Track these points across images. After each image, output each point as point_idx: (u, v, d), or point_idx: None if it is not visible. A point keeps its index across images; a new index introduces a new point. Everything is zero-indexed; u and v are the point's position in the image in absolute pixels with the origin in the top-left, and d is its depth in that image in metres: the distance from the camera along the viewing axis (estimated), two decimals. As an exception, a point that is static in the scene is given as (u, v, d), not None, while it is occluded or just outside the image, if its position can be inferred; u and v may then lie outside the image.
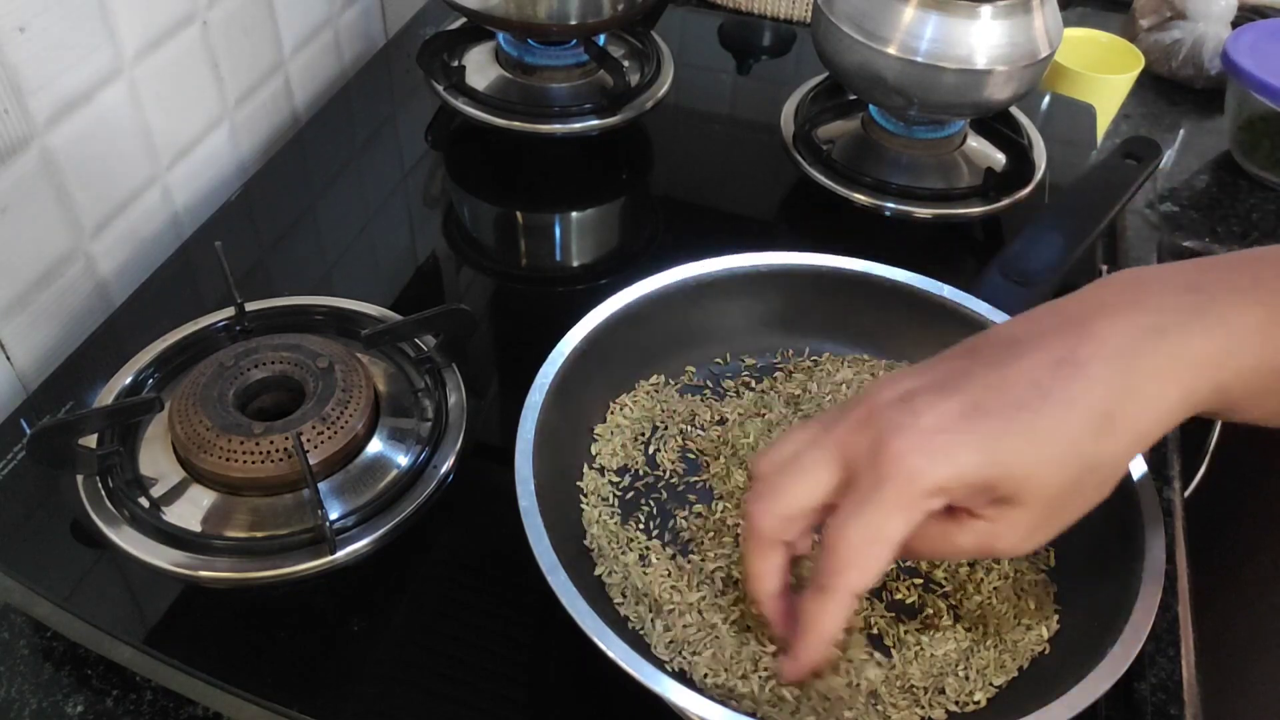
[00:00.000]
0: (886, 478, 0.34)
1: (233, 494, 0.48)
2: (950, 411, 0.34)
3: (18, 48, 0.52)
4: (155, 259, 0.64)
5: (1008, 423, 0.34)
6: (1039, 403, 0.34)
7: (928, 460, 0.34)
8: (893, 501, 0.34)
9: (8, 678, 0.46)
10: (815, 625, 0.36)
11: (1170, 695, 0.47)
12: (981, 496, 0.35)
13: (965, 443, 0.34)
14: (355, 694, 0.43)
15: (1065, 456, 0.34)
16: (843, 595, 0.35)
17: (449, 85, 0.74)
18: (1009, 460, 0.34)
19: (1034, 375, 0.35)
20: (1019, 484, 0.34)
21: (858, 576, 0.35)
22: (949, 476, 0.34)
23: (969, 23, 0.63)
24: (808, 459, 0.37)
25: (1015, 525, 0.35)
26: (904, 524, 0.34)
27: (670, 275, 0.53)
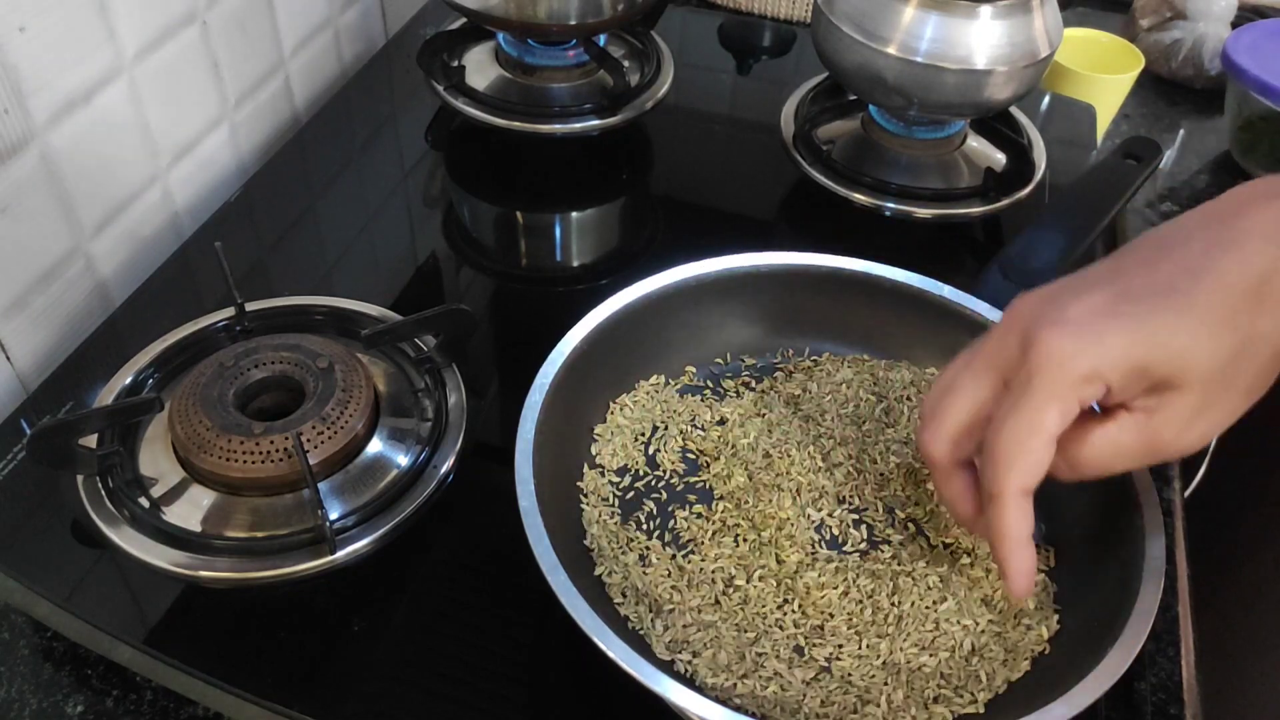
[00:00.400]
0: (1036, 370, 0.34)
1: (233, 494, 0.48)
2: (1098, 302, 0.34)
3: (18, 48, 0.52)
4: (155, 259, 0.64)
5: (1158, 303, 0.33)
6: (1190, 283, 0.33)
7: (1075, 345, 0.33)
8: (1044, 392, 0.34)
9: (8, 678, 0.46)
10: (999, 535, 0.36)
11: (1170, 695, 0.47)
12: (1137, 383, 0.34)
13: (1114, 326, 0.33)
14: (355, 694, 0.43)
15: (1220, 329, 0.33)
16: (1010, 494, 0.35)
17: (449, 85, 0.74)
18: (1161, 337, 0.33)
19: (1185, 262, 0.34)
20: (1174, 361, 0.33)
21: (1019, 474, 0.35)
22: (1099, 359, 0.33)
23: (969, 23, 0.63)
24: (962, 377, 0.37)
25: (1177, 411, 0.34)
26: (1059, 414, 0.34)
27: (670, 275, 0.53)
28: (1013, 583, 0.38)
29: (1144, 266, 0.35)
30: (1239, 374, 0.34)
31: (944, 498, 0.40)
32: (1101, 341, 0.33)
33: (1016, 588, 0.38)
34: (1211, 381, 0.33)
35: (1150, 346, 0.33)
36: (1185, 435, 0.35)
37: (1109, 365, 0.33)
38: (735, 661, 0.43)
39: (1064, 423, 0.34)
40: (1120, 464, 0.36)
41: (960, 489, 0.39)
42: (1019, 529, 0.36)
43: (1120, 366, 0.33)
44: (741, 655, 0.43)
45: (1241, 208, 0.35)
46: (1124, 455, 0.36)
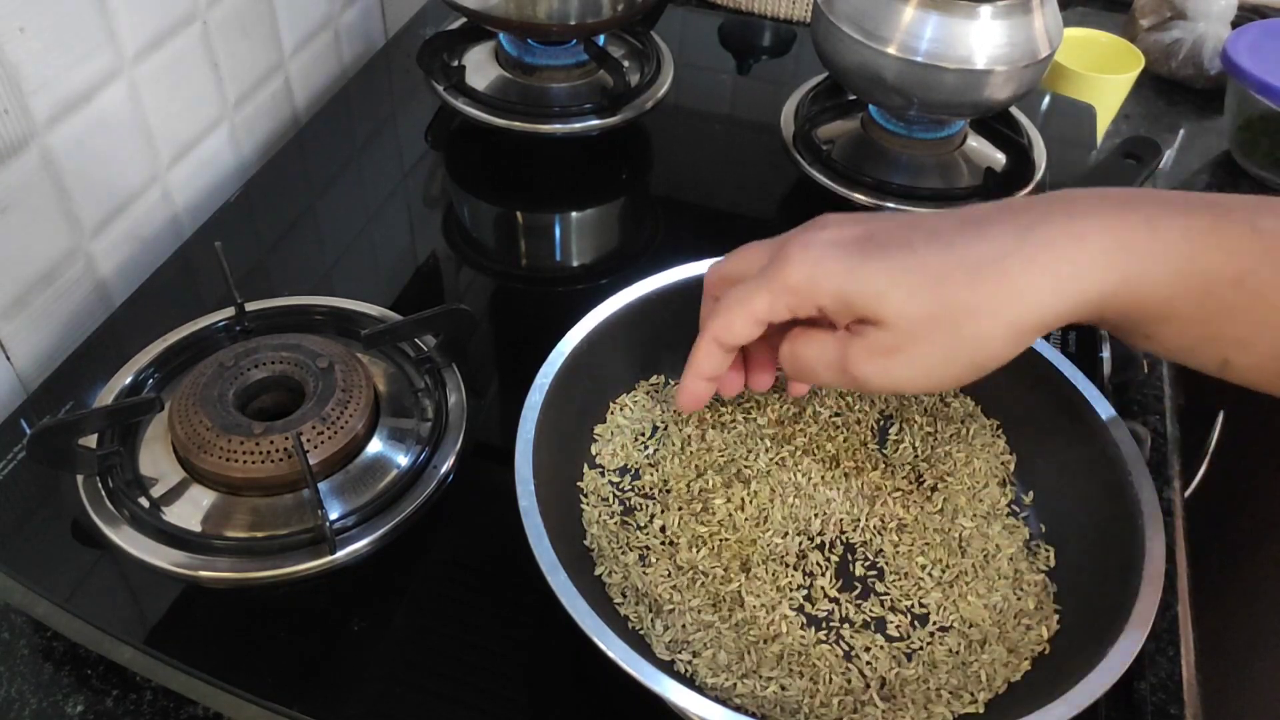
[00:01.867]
0: (772, 265, 0.39)
1: (233, 494, 0.48)
2: (845, 235, 0.38)
3: (18, 48, 0.52)
4: (155, 259, 0.64)
5: (885, 252, 0.37)
6: (922, 244, 0.37)
7: (800, 258, 0.38)
8: (764, 283, 0.39)
9: (8, 678, 0.46)
10: (690, 359, 0.43)
11: (1170, 695, 0.47)
12: (845, 313, 0.38)
13: (835, 256, 0.37)
14: (355, 694, 0.43)
15: (922, 285, 0.36)
16: (707, 336, 0.42)
17: (449, 85, 0.74)
18: (865, 279, 0.37)
19: (935, 227, 0.37)
20: (869, 301, 0.36)
21: (717, 326, 0.41)
22: (809, 278, 0.38)
23: (969, 23, 0.63)
24: (753, 246, 0.43)
25: (870, 341, 0.37)
26: (765, 302, 0.39)
27: (670, 275, 0.53)
28: (680, 398, 0.44)
29: (910, 223, 0.38)
30: (937, 335, 0.36)
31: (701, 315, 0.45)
32: (818, 265, 0.38)
33: (680, 403, 0.45)
34: (905, 328, 0.36)
35: (856, 282, 0.37)
36: (870, 364, 0.38)
37: (816, 288, 0.38)
38: (735, 661, 0.43)
39: (768, 310, 0.39)
40: (822, 369, 0.40)
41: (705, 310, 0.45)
42: (701, 364, 0.43)
43: (826, 291, 0.37)
44: (741, 655, 0.43)
45: (1032, 203, 0.37)
46: (824, 362, 0.39)
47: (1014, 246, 0.35)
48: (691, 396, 0.44)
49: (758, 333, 0.40)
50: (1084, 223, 0.35)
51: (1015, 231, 0.35)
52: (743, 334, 0.40)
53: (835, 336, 0.39)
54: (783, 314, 0.39)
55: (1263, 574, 0.94)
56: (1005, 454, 0.51)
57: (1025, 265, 0.35)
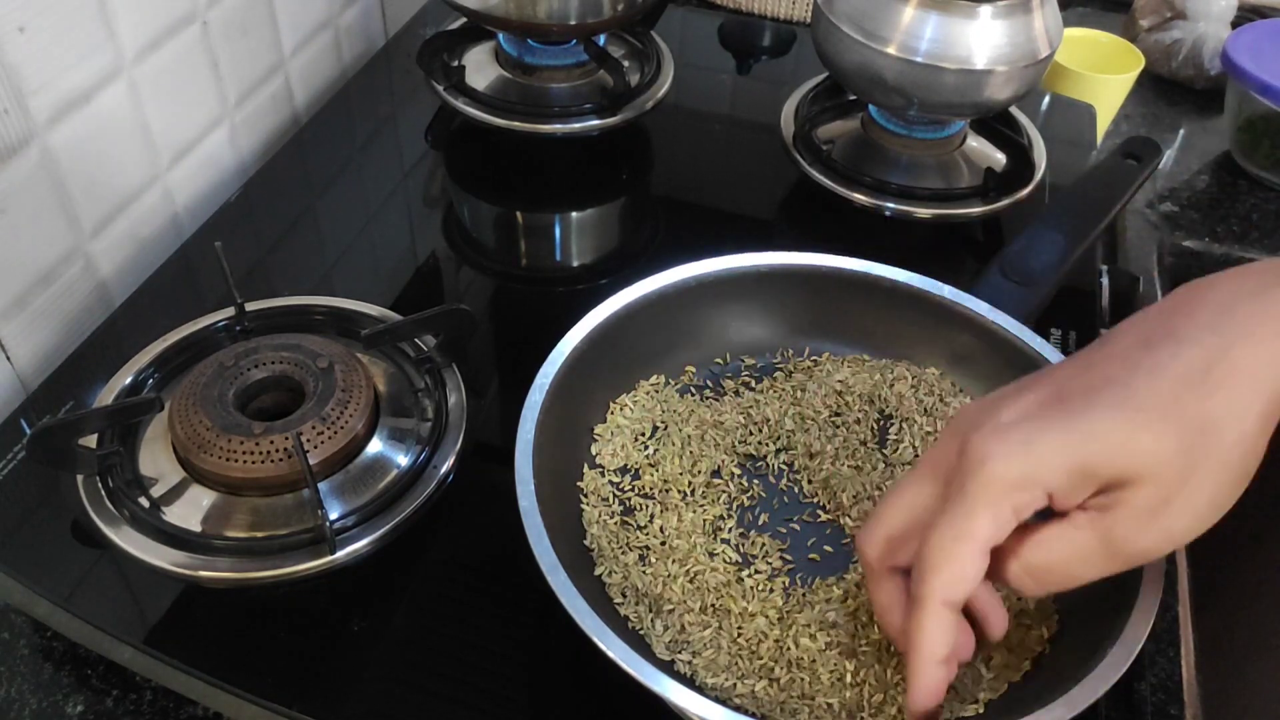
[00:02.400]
0: (968, 476, 0.33)
1: (233, 494, 0.48)
2: (1030, 403, 0.33)
3: (18, 48, 0.52)
4: (155, 259, 0.64)
5: (1092, 399, 0.32)
6: (1126, 375, 0.32)
7: (1005, 449, 0.32)
8: (974, 499, 0.32)
9: (8, 678, 0.46)
10: (913, 644, 0.34)
11: (1170, 695, 0.47)
12: (1083, 485, 0.32)
13: (1046, 426, 0.32)
14: (355, 694, 0.43)
15: (1165, 419, 0.31)
16: (932, 603, 0.33)
17: (449, 85, 0.74)
18: (1098, 434, 0.31)
19: (1122, 355, 0.33)
20: (1116, 457, 0.31)
21: (944, 580, 0.33)
22: (1032, 464, 0.32)
23: (969, 23, 0.63)
24: (905, 480, 0.36)
25: (1132, 507, 0.32)
26: (990, 520, 0.32)
27: (670, 275, 0.53)
28: (912, 697, 0.35)
29: (1081, 366, 0.34)
30: (1197, 465, 0.32)
31: (875, 605, 0.38)
32: (1032, 444, 0.32)
33: (915, 703, 0.35)
34: (1166, 474, 0.31)
35: (1088, 444, 0.32)
36: (1145, 532, 0.32)
37: (1043, 469, 0.32)
38: (735, 662, 0.43)
39: (997, 531, 0.33)
40: (1080, 567, 0.34)
41: (891, 597, 0.37)
42: (934, 643, 0.34)
43: (1057, 469, 0.32)
44: (741, 655, 0.43)
45: (1179, 304, 0.34)
46: (1080, 555, 0.33)
47: (1220, 340, 0.32)
48: (931, 693, 0.35)
49: (985, 567, 0.33)
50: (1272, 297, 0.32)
51: (1210, 327, 0.32)
52: (976, 576, 0.33)
53: (1078, 525, 0.33)
54: (1009, 526, 0.33)
55: (1263, 574, 0.94)
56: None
57: (1249, 350, 0.31)
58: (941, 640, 0.34)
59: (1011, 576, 0.34)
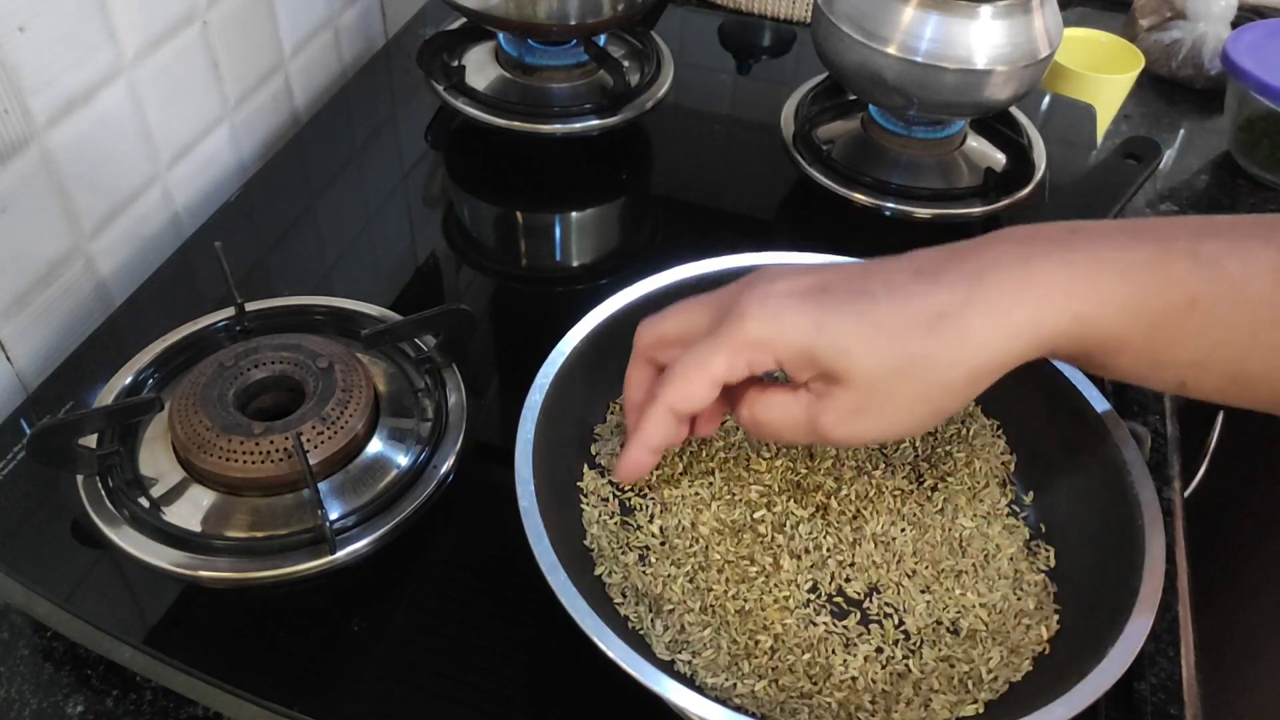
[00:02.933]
0: (724, 321, 0.38)
1: (233, 494, 0.48)
2: (801, 286, 0.38)
3: (18, 48, 0.52)
4: (155, 259, 0.64)
5: (841, 304, 0.37)
6: (881, 294, 0.37)
7: (758, 313, 0.38)
8: (721, 341, 0.38)
9: (8, 678, 0.46)
10: (636, 428, 0.42)
11: (1170, 695, 0.47)
12: (806, 367, 0.37)
13: (798, 309, 0.37)
14: (355, 694, 0.43)
15: (887, 341, 0.36)
16: (661, 404, 0.40)
17: (449, 85, 0.74)
18: (830, 333, 0.36)
19: (889, 277, 0.38)
20: (836, 358, 0.36)
21: (674, 391, 0.40)
22: (771, 332, 0.37)
23: (969, 23, 0.63)
24: (693, 301, 0.42)
25: (838, 402, 0.37)
26: (724, 362, 0.38)
27: (670, 275, 0.53)
28: (620, 468, 0.43)
29: (859, 271, 0.38)
30: (902, 389, 0.37)
31: (627, 379, 0.44)
32: (778, 318, 0.37)
33: (621, 473, 0.43)
34: (871, 386, 0.37)
35: (819, 336, 0.37)
36: (841, 426, 0.38)
37: (780, 341, 0.37)
38: (735, 661, 0.43)
39: (727, 371, 0.38)
40: (788, 432, 0.40)
41: (639, 378, 0.43)
42: (652, 434, 0.41)
43: (788, 346, 0.37)
44: (741, 655, 0.43)
45: (971, 247, 0.37)
46: (790, 424, 0.39)
47: (967, 295, 0.36)
48: (636, 467, 0.42)
49: (714, 396, 0.39)
50: (1032, 267, 0.35)
51: (967, 280, 0.36)
52: (702, 399, 0.39)
53: (798, 398, 0.39)
54: (741, 372, 0.39)
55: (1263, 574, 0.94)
56: (1005, 454, 0.51)
57: (982, 315, 0.35)
58: (658, 433, 0.41)
59: (739, 416, 0.41)
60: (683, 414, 0.41)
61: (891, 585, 0.46)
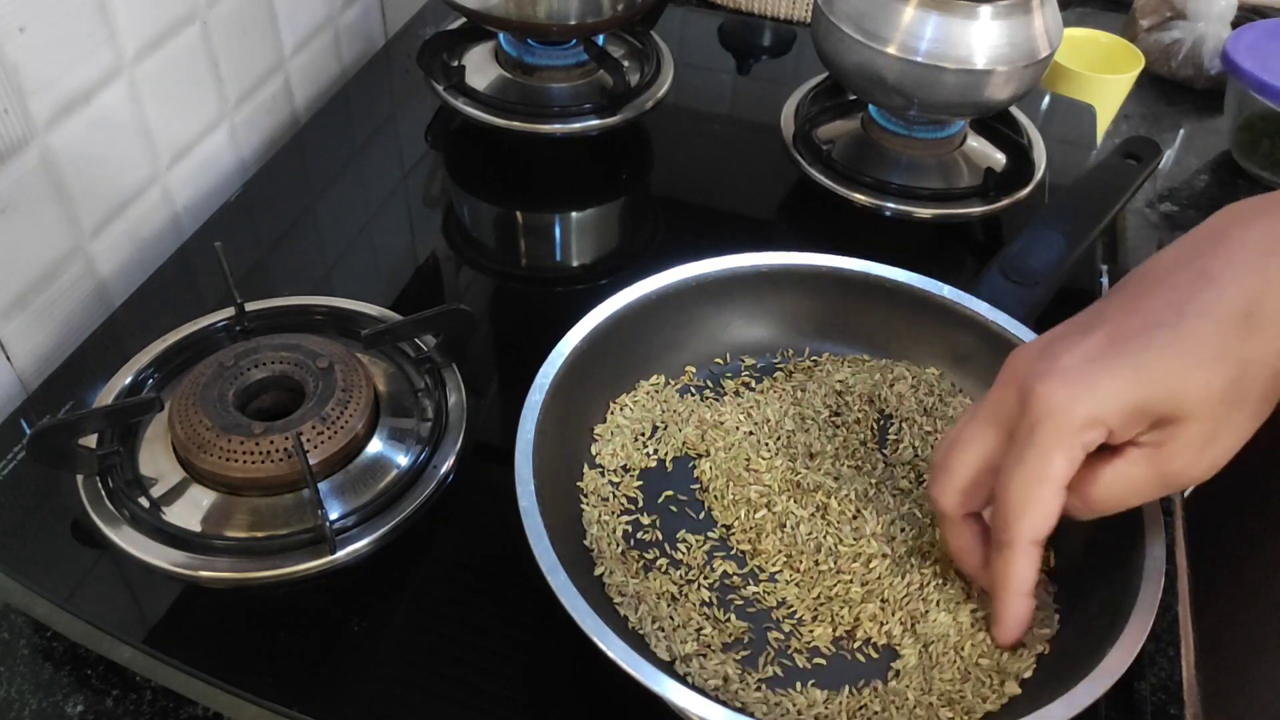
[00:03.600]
0: (1038, 420, 0.35)
1: (233, 494, 0.48)
2: (1088, 347, 0.35)
3: (18, 48, 0.52)
4: (155, 259, 0.64)
5: (1147, 342, 0.34)
6: (1175, 319, 0.34)
7: (1071, 393, 0.34)
8: (1047, 441, 0.35)
9: (8, 678, 0.46)
10: (1004, 580, 0.38)
11: (1170, 695, 0.47)
12: (1139, 422, 0.35)
13: (1106, 369, 0.34)
14: (355, 694, 0.43)
15: (1213, 361, 0.34)
16: (1021, 544, 0.37)
17: (449, 85, 0.74)
18: (1154, 375, 0.34)
19: (1168, 298, 0.35)
20: (1171, 398, 0.34)
21: (1030, 522, 0.36)
22: (1096, 405, 0.34)
23: (969, 23, 0.63)
24: (968, 430, 0.38)
25: (1185, 443, 0.35)
26: (1065, 461, 0.35)
27: (670, 275, 0.53)
28: (1004, 630, 0.40)
29: (1129, 306, 0.36)
30: (1240, 400, 0.35)
31: (952, 549, 0.41)
32: (1096, 387, 0.34)
33: (1006, 635, 0.40)
34: (1214, 410, 0.34)
35: (1145, 386, 0.34)
36: (1196, 464, 0.35)
37: (1107, 409, 0.34)
38: (735, 661, 0.43)
39: (1070, 469, 0.35)
40: (1134, 498, 0.37)
41: (968, 541, 0.40)
42: (1024, 579, 0.38)
43: (1118, 409, 0.34)
44: (742, 655, 0.43)
45: (1220, 235, 0.36)
46: (1137, 489, 0.37)
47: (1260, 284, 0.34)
48: (1021, 622, 0.39)
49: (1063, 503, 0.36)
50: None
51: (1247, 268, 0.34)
52: (1055, 514, 0.36)
53: (1132, 460, 0.36)
54: (1079, 464, 0.35)
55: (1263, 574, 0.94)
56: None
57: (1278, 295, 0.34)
58: (1030, 575, 0.38)
59: (1072, 509, 0.37)
60: (1042, 540, 0.37)
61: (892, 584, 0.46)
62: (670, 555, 0.47)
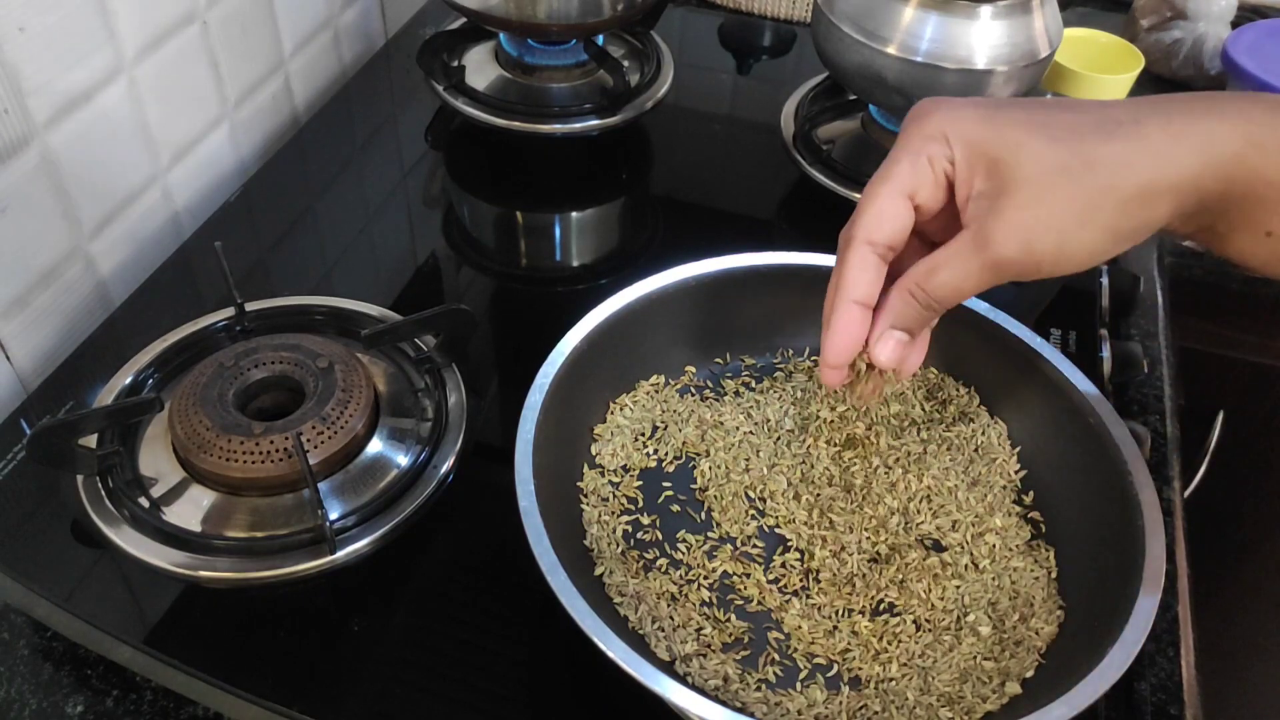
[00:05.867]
0: (902, 130, 0.37)
1: (233, 494, 0.48)
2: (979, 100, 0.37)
3: (18, 48, 0.52)
4: (155, 259, 0.64)
5: (1017, 107, 0.36)
6: (1058, 110, 0.36)
7: (935, 107, 0.37)
8: (898, 147, 0.37)
9: (8, 678, 0.46)
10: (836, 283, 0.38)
11: (1170, 695, 0.47)
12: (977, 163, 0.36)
13: (972, 106, 0.36)
14: (355, 694, 0.43)
15: (1061, 136, 0.35)
16: (856, 243, 0.37)
17: (449, 85, 0.74)
18: (1003, 125, 0.35)
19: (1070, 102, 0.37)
20: (1007, 149, 0.35)
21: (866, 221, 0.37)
22: (950, 122, 0.36)
23: (969, 23, 0.63)
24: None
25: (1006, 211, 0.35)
26: (908, 166, 0.37)
27: (670, 275, 0.53)
28: (829, 343, 0.39)
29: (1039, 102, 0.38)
30: (1073, 191, 0.35)
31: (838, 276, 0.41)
32: (954, 114, 0.36)
33: (830, 349, 0.39)
34: (1040, 183, 0.35)
35: (992, 129, 0.36)
36: (1013, 239, 0.35)
37: (957, 125, 0.36)
38: (735, 662, 0.43)
39: (915, 178, 0.37)
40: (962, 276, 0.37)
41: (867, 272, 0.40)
42: (855, 281, 0.38)
43: (964, 134, 0.36)
44: (742, 655, 0.43)
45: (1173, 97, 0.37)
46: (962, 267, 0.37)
47: (1147, 111, 0.35)
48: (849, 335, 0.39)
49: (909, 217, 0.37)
50: (1214, 99, 0.35)
51: (1151, 102, 0.35)
52: (893, 218, 0.37)
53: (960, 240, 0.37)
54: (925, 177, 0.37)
55: (1263, 574, 0.94)
56: (1006, 454, 0.51)
57: (1161, 125, 0.34)
58: (862, 279, 0.38)
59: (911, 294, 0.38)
60: (880, 244, 0.38)
61: (892, 586, 0.46)
62: (670, 555, 0.47)
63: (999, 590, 0.46)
